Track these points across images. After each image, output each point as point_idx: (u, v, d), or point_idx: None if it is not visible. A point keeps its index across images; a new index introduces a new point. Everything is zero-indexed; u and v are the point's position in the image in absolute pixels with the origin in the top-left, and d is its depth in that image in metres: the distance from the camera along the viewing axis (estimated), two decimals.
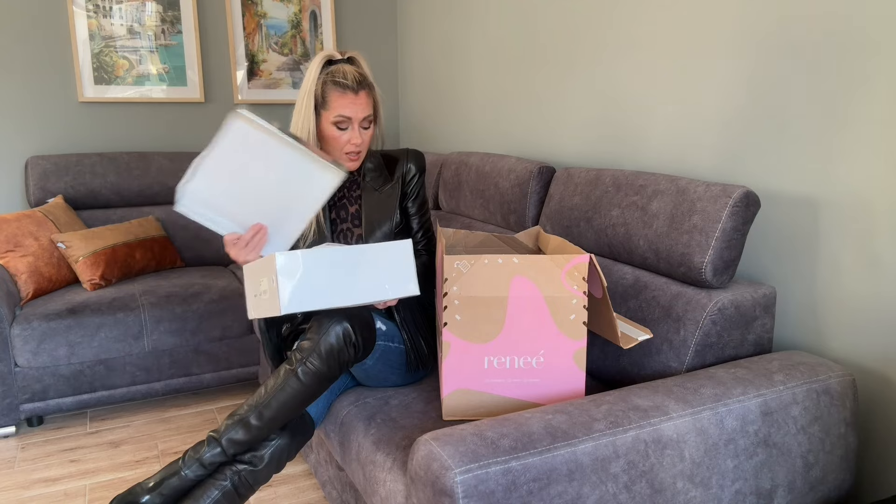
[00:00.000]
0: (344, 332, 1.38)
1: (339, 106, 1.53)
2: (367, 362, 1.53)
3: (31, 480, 2.00)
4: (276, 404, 1.37)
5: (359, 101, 1.53)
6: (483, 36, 2.67)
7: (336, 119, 1.54)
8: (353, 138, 1.55)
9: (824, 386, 1.29)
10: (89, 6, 2.84)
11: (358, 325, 1.40)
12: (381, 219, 1.65)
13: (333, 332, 1.37)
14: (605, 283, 1.28)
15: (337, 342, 1.37)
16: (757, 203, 1.39)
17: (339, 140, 1.56)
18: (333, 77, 1.53)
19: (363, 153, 1.61)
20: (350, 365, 1.42)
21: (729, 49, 1.61)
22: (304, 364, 1.37)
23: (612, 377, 1.57)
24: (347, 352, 1.39)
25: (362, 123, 1.56)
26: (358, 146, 1.57)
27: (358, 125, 1.55)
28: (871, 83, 1.32)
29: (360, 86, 1.54)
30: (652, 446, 1.11)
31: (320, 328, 1.38)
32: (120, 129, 3.00)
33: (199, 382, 2.47)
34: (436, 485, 1.00)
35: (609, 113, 2.03)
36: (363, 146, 1.59)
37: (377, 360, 1.54)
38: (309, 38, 3.29)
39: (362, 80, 1.54)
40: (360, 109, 1.54)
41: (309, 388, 1.38)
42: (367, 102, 1.55)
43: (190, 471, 1.38)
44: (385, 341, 1.55)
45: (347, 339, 1.38)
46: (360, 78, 1.54)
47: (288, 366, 1.38)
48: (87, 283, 2.43)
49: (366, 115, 1.55)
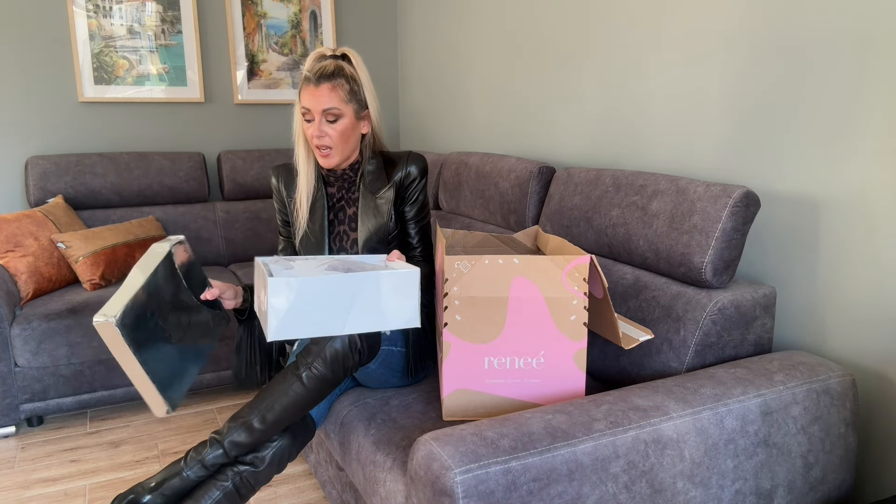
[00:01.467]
0: (350, 338, 1.38)
1: (303, 98, 1.54)
2: (370, 366, 1.53)
3: (31, 480, 2.00)
4: (280, 408, 1.37)
5: (318, 92, 1.51)
6: (483, 36, 2.67)
7: (302, 111, 1.55)
8: (315, 130, 1.53)
9: (824, 386, 1.29)
10: (89, 6, 2.84)
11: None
12: (376, 224, 1.62)
13: (339, 338, 1.38)
14: (606, 283, 1.28)
15: (342, 348, 1.37)
16: (757, 203, 1.39)
17: (306, 132, 1.57)
18: (305, 72, 1.55)
19: (336, 150, 1.57)
20: (354, 370, 1.42)
21: (729, 49, 1.61)
22: (308, 369, 1.37)
23: (612, 377, 1.57)
24: (352, 358, 1.39)
25: (325, 116, 1.53)
26: (321, 139, 1.54)
27: (320, 117, 1.53)
28: (871, 83, 1.32)
29: (323, 78, 1.51)
30: (652, 446, 1.11)
31: None
32: (120, 129, 3.00)
33: (199, 382, 2.47)
34: (436, 485, 1.00)
35: (609, 113, 2.03)
36: (332, 141, 1.55)
37: (380, 363, 1.54)
38: (309, 38, 3.29)
39: (329, 74, 1.52)
40: (318, 101, 1.51)
41: (312, 393, 1.38)
42: (328, 95, 1.51)
43: (192, 471, 1.38)
44: (388, 346, 1.55)
45: (353, 345, 1.38)
46: (329, 71, 1.52)
47: (292, 370, 1.39)
48: (87, 283, 2.43)
49: (325, 107, 1.52)
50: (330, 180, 1.67)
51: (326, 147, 1.56)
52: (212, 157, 3.20)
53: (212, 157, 3.20)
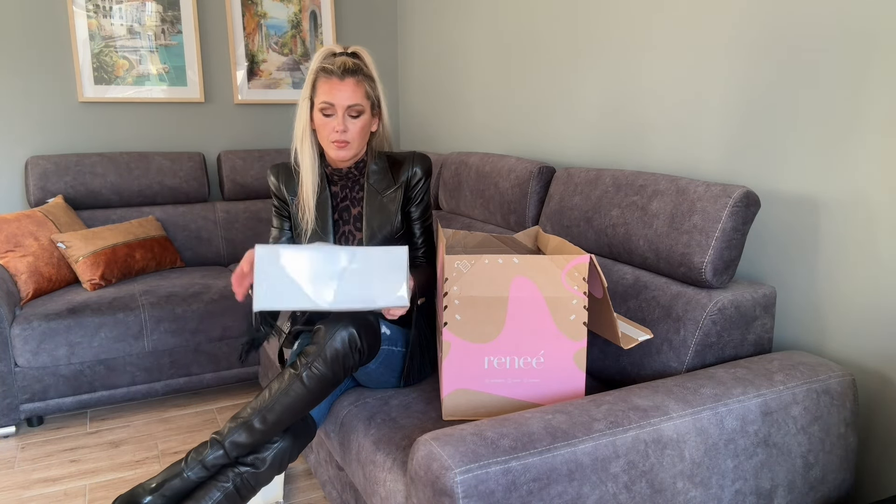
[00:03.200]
0: (350, 337, 1.37)
1: (323, 92, 1.52)
2: (369, 366, 1.53)
3: (31, 480, 2.00)
4: (280, 408, 1.37)
5: (344, 87, 1.51)
6: (483, 36, 2.67)
7: (321, 105, 1.53)
8: (338, 125, 1.52)
9: (824, 386, 1.29)
10: (89, 6, 2.84)
11: (364, 331, 1.39)
12: (382, 223, 1.63)
13: (339, 337, 1.37)
14: (606, 283, 1.28)
15: (343, 347, 1.37)
16: (757, 203, 1.39)
17: (325, 127, 1.54)
18: (323, 65, 1.53)
19: (354, 143, 1.56)
20: (355, 370, 1.41)
21: (730, 49, 1.61)
22: (308, 368, 1.37)
23: (612, 377, 1.57)
24: (353, 357, 1.38)
25: (349, 112, 1.53)
26: (342, 133, 1.53)
27: (343, 113, 1.52)
28: (871, 83, 1.32)
29: (347, 73, 1.51)
30: (652, 446, 1.11)
31: (326, 333, 1.38)
32: (120, 129, 3.00)
33: (199, 382, 2.47)
34: (436, 485, 1.00)
35: (609, 113, 2.03)
36: (351, 136, 1.55)
37: (380, 363, 1.54)
38: (309, 38, 3.29)
39: (352, 69, 1.52)
40: (345, 96, 1.51)
41: (313, 393, 1.38)
42: (353, 90, 1.51)
43: (192, 472, 1.38)
44: (388, 346, 1.55)
45: (353, 344, 1.38)
46: (351, 66, 1.52)
47: (293, 370, 1.38)
48: (87, 283, 2.43)
49: (351, 102, 1.52)
50: (334, 179, 1.66)
51: (345, 141, 1.55)
52: (212, 157, 3.20)
53: (212, 157, 3.20)
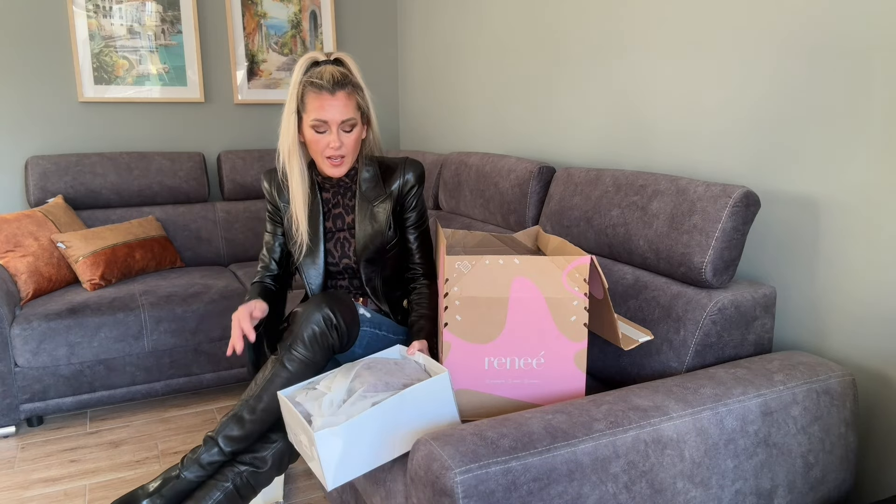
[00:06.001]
0: (325, 317, 1.38)
1: (315, 108, 1.46)
2: (355, 351, 1.52)
3: (31, 480, 2.00)
4: (267, 396, 1.38)
5: (336, 101, 1.46)
6: (483, 36, 2.67)
7: (314, 123, 1.47)
8: (332, 142, 1.47)
9: (824, 386, 1.29)
10: (89, 6, 2.84)
11: (339, 308, 1.40)
12: (374, 234, 1.59)
13: (314, 318, 1.38)
14: (607, 284, 1.28)
15: (318, 327, 1.38)
16: (757, 203, 1.39)
17: (318, 143, 1.49)
18: (311, 78, 1.47)
19: (348, 158, 1.52)
20: (335, 350, 1.42)
21: (730, 50, 1.61)
22: (289, 352, 1.38)
23: (612, 377, 1.57)
24: (331, 336, 1.39)
25: (342, 126, 1.48)
26: (338, 150, 1.49)
27: (337, 128, 1.48)
28: (871, 83, 1.32)
29: (338, 86, 1.46)
30: (652, 446, 1.11)
31: (302, 315, 1.39)
32: (120, 129, 3.00)
33: (199, 382, 2.47)
34: (436, 485, 1.00)
35: (609, 113, 2.03)
36: (346, 150, 1.50)
37: (365, 348, 1.53)
38: (309, 38, 3.29)
39: (341, 81, 1.46)
40: (337, 111, 1.46)
41: (296, 376, 1.39)
42: (345, 104, 1.47)
43: (189, 472, 1.38)
44: (372, 328, 1.54)
45: (329, 322, 1.39)
46: (340, 78, 1.46)
47: (274, 357, 1.40)
48: (87, 283, 2.43)
49: (345, 117, 1.47)
50: (325, 186, 1.63)
51: (340, 157, 1.51)
52: (212, 157, 3.20)
53: (212, 157, 3.20)
